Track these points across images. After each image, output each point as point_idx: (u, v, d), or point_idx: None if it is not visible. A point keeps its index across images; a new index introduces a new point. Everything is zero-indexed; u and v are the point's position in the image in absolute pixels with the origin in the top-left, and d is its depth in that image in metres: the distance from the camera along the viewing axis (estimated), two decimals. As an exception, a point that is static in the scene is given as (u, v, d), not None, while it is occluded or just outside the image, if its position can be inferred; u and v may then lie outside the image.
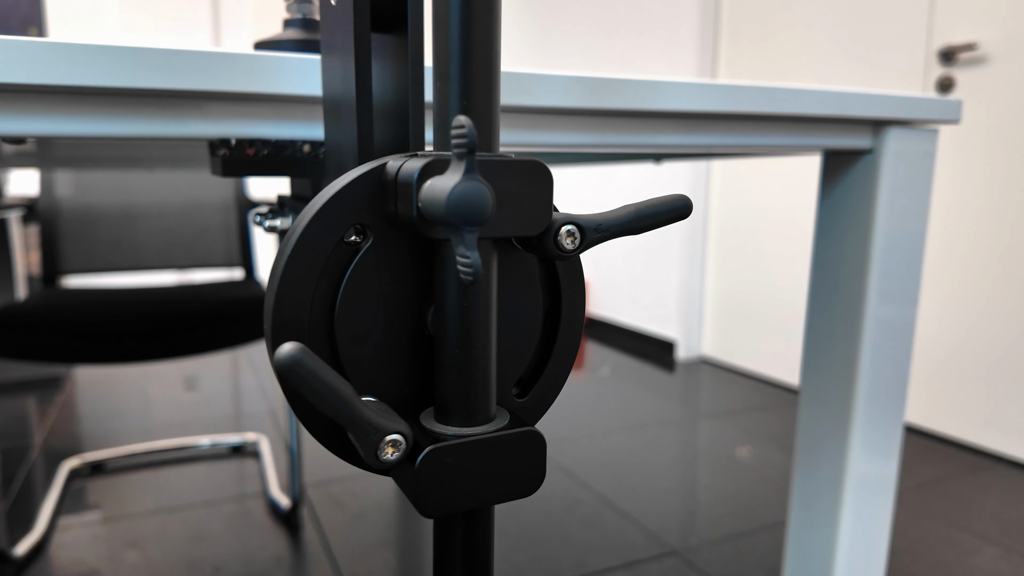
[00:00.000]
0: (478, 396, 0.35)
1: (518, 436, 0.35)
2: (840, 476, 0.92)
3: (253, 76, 0.48)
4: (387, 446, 0.32)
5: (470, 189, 0.26)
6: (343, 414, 0.30)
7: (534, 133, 0.63)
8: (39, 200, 1.77)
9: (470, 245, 0.27)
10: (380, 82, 0.42)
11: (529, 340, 0.40)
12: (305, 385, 0.29)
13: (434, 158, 0.31)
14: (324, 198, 0.33)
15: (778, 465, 1.96)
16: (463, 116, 0.26)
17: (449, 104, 0.31)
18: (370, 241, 0.35)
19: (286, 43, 0.55)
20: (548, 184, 0.34)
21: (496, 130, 0.33)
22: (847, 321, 0.88)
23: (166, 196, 1.88)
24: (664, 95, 0.65)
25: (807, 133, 0.77)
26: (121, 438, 2.14)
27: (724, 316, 3.00)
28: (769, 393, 2.63)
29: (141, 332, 1.41)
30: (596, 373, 2.88)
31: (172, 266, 1.90)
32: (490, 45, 0.32)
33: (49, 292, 1.68)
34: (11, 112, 0.46)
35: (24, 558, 1.46)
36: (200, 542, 1.53)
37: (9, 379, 2.72)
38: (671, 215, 0.36)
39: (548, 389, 0.41)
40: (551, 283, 0.40)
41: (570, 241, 0.35)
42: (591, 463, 1.96)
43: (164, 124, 0.49)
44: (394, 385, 0.37)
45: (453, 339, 0.34)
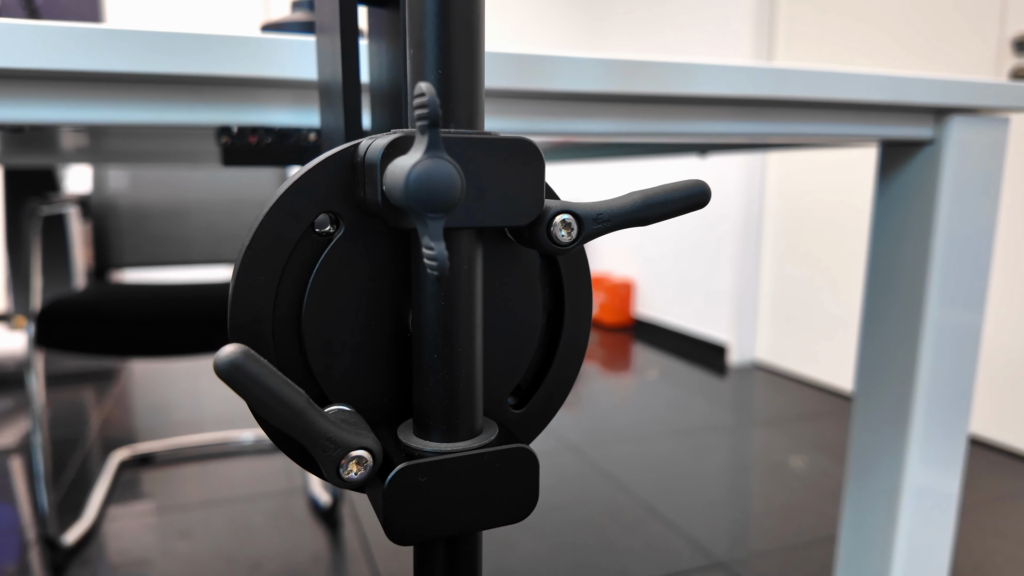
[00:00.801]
0: (460, 407, 0.31)
1: (505, 454, 0.31)
2: (896, 489, 0.85)
3: (252, 59, 0.46)
4: (351, 463, 0.28)
5: (432, 168, 0.23)
6: (295, 426, 0.27)
7: (559, 121, 0.59)
8: (92, 196, 1.81)
9: (435, 235, 0.23)
10: (376, 62, 0.39)
11: (527, 344, 0.36)
12: (248, 393, 0.25)
13: (402, 135, 0.27)
14: (288, 183, 0.30)
15: (833, 475, 1.87)
16: (424, 83, 0.22)
17: (424, 74, 0.28)
18: (342, 231, 0.31)
19: (293, 25, 0.52)
20: (539, 166, 0.29)
21: (479, 104, 0.29)
22: (905, 325, 0.82)
23: (213, 192, 1.90)
24: (702, 78, 0.60)
25: (861, 122, 0.71)
26: (170, 430, 2.18)
27: (779, 319, 2.88)
28: (826, 400, 2.52)
29: (188, 326, 1.42)
30: (643, 376, 2.81)
31: (219, 260, 1.92)
32: (471, 7, 0.28)
33: (100, 285, 1.71)
34: (9, 99, 0.45)
35: (73, 546, 1.49)
36: (242, 536, 1.54)
37: (67, 370, 2.81)
38: (685, 203, 0.32)
39: (549, 399, 0.37)
40: (553, 281, 0.36)
41: (566, 232, 0.30)
42: (635, 468, 1.91)
43: (161, 111, 0.47)
44: (371, 393, 0.33)
45: (431, 343, 0.30)
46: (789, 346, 2.84)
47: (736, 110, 0.66)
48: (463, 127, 0.29)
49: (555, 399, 0.37)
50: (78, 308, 1.43)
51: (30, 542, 1.50)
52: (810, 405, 2.46)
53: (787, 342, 2.85)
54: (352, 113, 0.37)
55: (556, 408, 0.37)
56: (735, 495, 1.76)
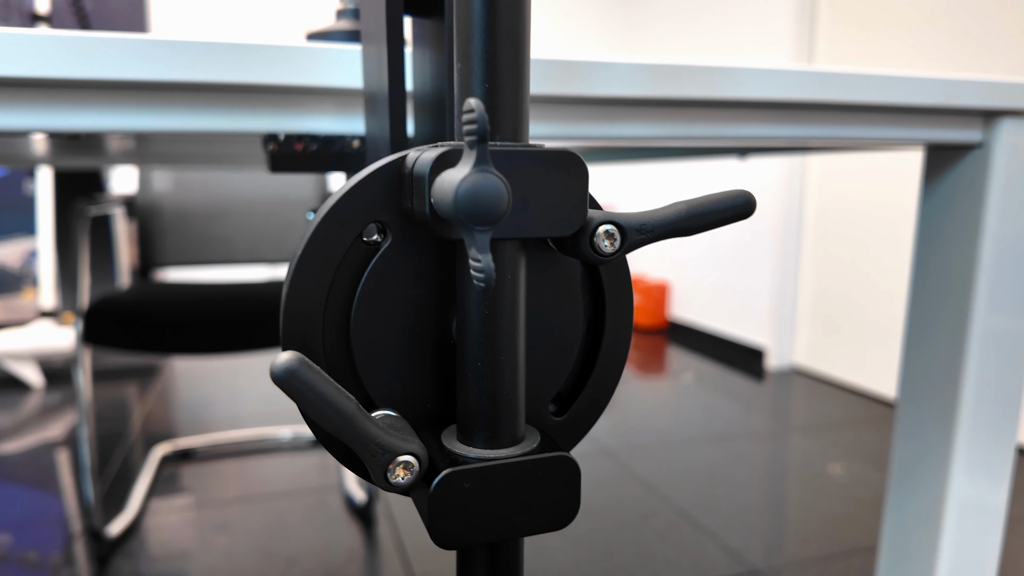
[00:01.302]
0: (503, 415, 0.31)
1: (547, 462, 0.31)
2: (940, 501, 0.84)
3: (299, 68, 0.46)
4: (398, 467, 0.29)
5: (480, 183, 0.23)
6: (345, 431, 0.27)
7: (599, 125, 0.59)
8: (137, 196, 1.86)
9: (482, 247, 0.23)
10: (420, 71, 0.39)
11: (568, 351, 0.36)
12: (302, 399, 0.26)
13: (450, 148, 0.28)
14: (339, 194, 0.31)
15: (874, 485, 1.83)
16: (473, 100, 0.22)
17: (471, 87, 0.28)
18: (389, 241, 0.32)
19: (337, 34, 0.53)
20: (583, 177, 0.29)
21: (524, 116, 0.29)
22: (951, 331, 0.80)
23: (254, 193, 1.94)
24: (744, 82, 0.60)
25: (907, 125, 0.69)
26: (210, 426, 2.22)
27: (819, 323, 2.84)
28: (867, 407, 2.47)
29: (230, 326, 1.45)
30: (678, 380, 2.79)
31: (259, 260, 1.96)
32: (518, 20, 0.28)
33: (144, 284, 1.76)
34: (64, 107, 0.46)
35: (117, 538, 1.53)
36: (278, 532, 1.57)
37: (111, 366, 2.88)
38: (730, 214, 0.32)
39: (590, 406, 0.37)
40: (594, 289, 0.36)
41: (609, 243, 0.31)
42: (670, 474, 1.89)
43: (211, 118, 0.48)
44: (416, 398, 0.34)
45: (475, 351, 0.31)
46: (830, 351, 2.79)
47: (778, 113, 0.65)
48: (509, 139, 0.29)
49: (595, 407, 0.37)
50: (124, 307, 1.47)
51: (76, 533, 1.55)
52: (850, 412, 2.42)
53: (827, 347, 2.80)
54: (398, 121, 0.38)
55: (596, 416, 0.37)
56: (772, 503, 1.73)
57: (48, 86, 0.45)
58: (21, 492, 1.75)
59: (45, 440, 2.10)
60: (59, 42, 0.43)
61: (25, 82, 0.44)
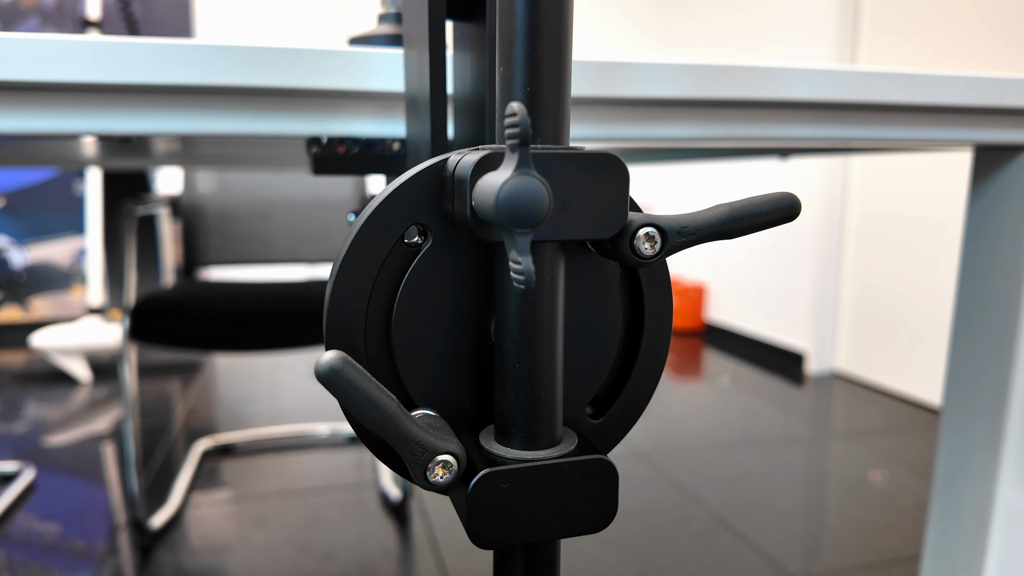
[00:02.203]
0: (541, 416, 0.31)
1: (585, 464, 0.31)
2: (987, 511, 0.81)
3: (342, 72, 0.47)
4: (437, 466, 0.29)
5: (521, 186, 0.23)
6: (387, 430, 0.28)
7: (639, 126, 0.59)
8: (182, 197, 1.90)
9: (522, 250, 0.23)
10: (461, 74, 0.40)
11: (607, 354, 0.36)
12: (346, 397, 0.27)
13: (491, 151, 0.28)
14: (381, 197, 0.31)
15: (916, 493, 1.79)
16: (516, 103, 0.23)
17: (513, 91, 0.28)
18: (430, 242, 0.32)
19: (379, 38, 0.54)
20: (623, 180, 0.30)
21: (565, 119, 0.29)
22: (999, 337, 0.78)
23: (295, 194, 1.97)
24: (784, 82, 0.59)
25: (954, 126, 0.68)
26: (250, 421, 2.26)
27: (861, 327, 2.78)
28: (909, 413, 2.42)
29: (272, 324, 1.48)
30: (715, 383, 2.76)
31: (300, 260, 1.99)
32: (560, 24, 0.28)
33: (189, 283, 1.80)
34: (116, 111, 0.48)
35: (159, 530, 1.57)
36: (315, 527, 1.59)
37: (155, 362, 2.95)
38: (774, 217, 0.31)
39: (627, 410, 0.37)
40: (633, 291, 0.36)
41: (649, 245, 0.31)
42: (706, 478, 1.87)
43: (256, 122, 0.49)
44: (454, 398, 0.34)
45: (513, 352, 0.31)
46: (871, 355, 2.74)
47: (820, 113, 0.64)
48: (549, 142, 0.30)
49: (633, 410, 0.37)
50: (169, 305, 1.51)
51: (120, 525, 1.59)
52: (892, 418, 2.37)
53: (869, 351, 2.75)
54: (438, 124, 0.38)
55: (634, 419, 0.37)
56: (811, 509, 1.70)
57: (100, 90, 0.47)
58: (69, 483, 1.81)
59: (92, 433, 2.16)
60: (111, 48, 0.44)
61: (79, 87, 0.45)
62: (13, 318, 3.22)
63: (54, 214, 3.19)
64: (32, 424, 2.24)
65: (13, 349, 3.14)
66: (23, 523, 1.60)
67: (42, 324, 3.25)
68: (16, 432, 2.17)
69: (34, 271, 3.20)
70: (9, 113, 0.46)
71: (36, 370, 2.82)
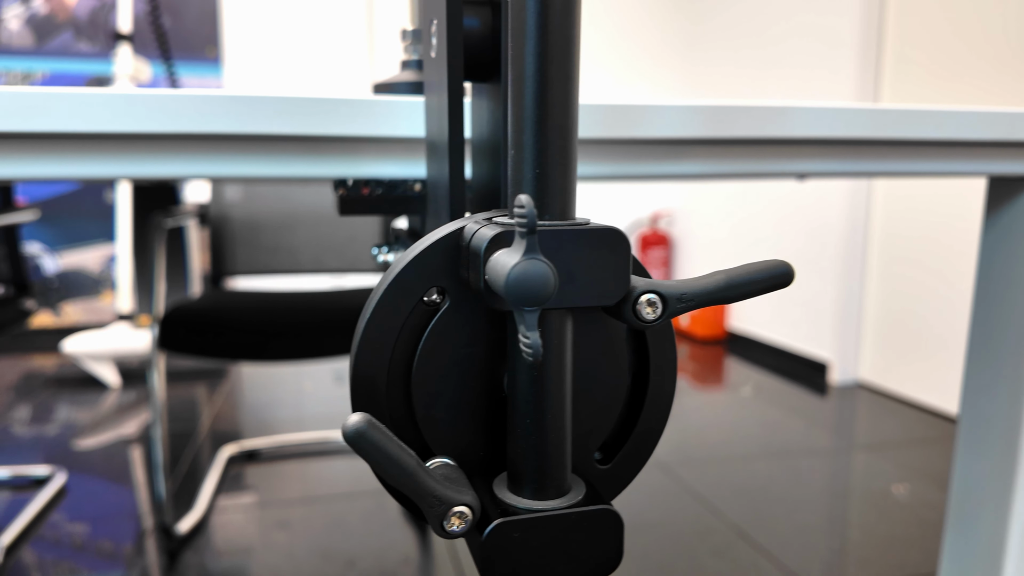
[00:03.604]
0: (551, 468, 0.34)
1: (592, 514, 0.33)
2: (1003, 525, 0.82)
3: (368, 120, 0.50)
4: (453, 517, 0.32)
5: (528, 270, 0.25)
6: (407, 485, 0.30)
7: (650, 164, 0.61)
8: (211, 207, 1.94)
9: (530, 326, 0.26)
10: (478, 120, 0.42)
11: (613, 403, 0.38)
12: (370, 456, 0.29)
13: (502, 230, 0.30)
14: (403, 262, 0.34)
15: (940, 506, 1.78)
16: (524, 196, 0.25)
17: (523, 172, 0.31)
18: (447, 303, 0.35)
19: (401, 86, 0.56)
20: (625, 252, 0.32)
21: (571, 196, 0.32)
22: (1014, 355, 0.78)
23: (321, 205, 2.01)
24: (796, 120, 0.60)
25: (968, 159, 0.69)
26: (275, 427, 2.31)
27: (885, 336, 2.76)
28: (935, 425, 2.40)
29: (298, 335, 1.52)
30: (736, 392, 2.76)
31: (324, 270, 2.02)
32: (566, 114, 0.30)
33: (216, 293, 1.84)
34: (151, 157, 0.51)
35: (186, 535, 1.61)
36: (337, 533, 1.62)
37: (182, 368, 3.01)
38: (768, 284, 0.33)
39: (633, 456, 0.39)
40: (638, 344, 0.38)
41: (651, 310, 0.32)
42: (726, 489, 1.88)
43: (286, 166, 0.52)
44: (469, 446, 0.37)
45: (524, 409, 0.33)
46: (897, 366, 2.72)
47: (834, 149, 0.66)
48: (557, 218, 0.32)
49: (639, 456, 0.39)
50: (198, 315, 1.55)
51: (148, 529, 1.63)
52: (917, 430, 2.35)
53: (895, 361, 2.73)
54: (456, 168, 0.40)
55: (641, 465, 0.39)
56: (832, 523, 1.70)
57: (138, 139, 0.50)
58: (99, 486, 1.86)
59: (121, 437, 2.22)
60: (151, 101, 0.47)
61: (119, 136, 0.48)
62: (46, 323, 3.31)
63: (85, 222, 3.27)
64: (63, 428, 2.30)
65: (46, 353, 3.22)
66: (55, 525, 1.65)
67: (73, 329, 3.33)
68: (48, 435, 2.23)
69: (65, 277, 3.29)
70: (69, 160, 0.49)
71: (67, 374, 2.89)
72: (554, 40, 0.29)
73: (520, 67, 0.30)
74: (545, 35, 0.29)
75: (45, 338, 3.32)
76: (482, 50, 0.39)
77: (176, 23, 3.24)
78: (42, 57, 3.11)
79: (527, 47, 0.29)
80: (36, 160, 0.49)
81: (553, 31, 0.29)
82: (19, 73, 3.11)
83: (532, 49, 0.29)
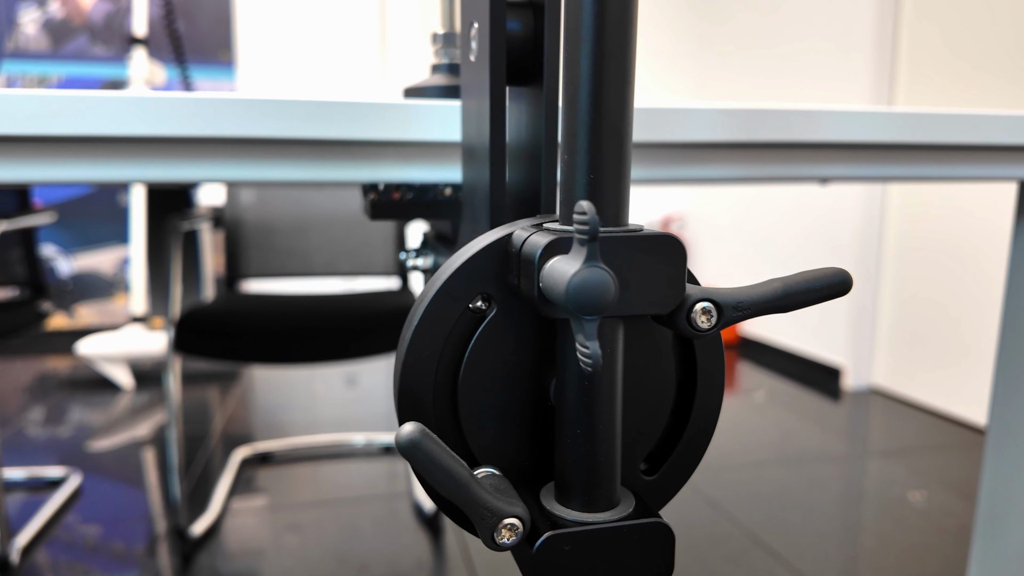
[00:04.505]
0: (600, 480, 0.33)
1: (643, 528, 0.33)
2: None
3: (400, 124, 0.49)
4: (504, 529, 0.31)
5: (590, 278, 0.25)
6: (459, 496, 0.30)
7: (676, 168, 0.60)
8: (225, 210, 1.95)
9: (590, 335, 0.25)
10: (516, 124, 0.42)
11: (660, 414, 0.37)
12: (423, 467, 0.28)
13: (557, 237, 0.30)
14: (450, 269, 0.33)
15: (957, 515, 1.77)
16: (585, 203, 0.24)
17: (576, 178, 0.30)
18: (494, 311, 0.34)
19: (432, 89, 0.56)
20: (681, 259, 0.31)
21: (625, 203, 0.31)
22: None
23: (334, 209, 2.01)
24: (822, 124, 0.60)
25: (995, 163, 0.68)
26: (287, 430, 2.30)
27: (900, 341, 2.74)
28: (951, 431, 2.38)
29: (313, 340, 1.51)
30: (749, 398, 2.74)
31: (337, 273, 2.02)
32: (621, 117, 0.30)
33: (231, 296, 1.84)
34: (183, 161, 0.50)
35: (200, 537, 1.61)
36: (350, 537, 1.62)
37: (194, 370, 3.02)
38: (826, 292, 0.32)
39: (680, 467, 0.38)
40: (686, 354, 0.38)
41: (705, 319, 0.32)
42: (741, 496, 1.86)
43: (317, 170, 0.51)
44: (516, 456, 0.36)
45: (574, 419, 0.32)
46: (911, 371, 2.70)
47: (860, 153, 0.65)
48: (610, 224, 0.31)
49: (686, 468, 0.39)
50: (213, 318, 1.55)
51: (162, 533, 1.63)
52: (933, 436, 2.33)
53: (909, 366, 2.71)
54: (497, 173, 0.40)
55: (686, 477, 0.39)
56: (847, 530, 1.69)
57: (168, 142, 0.49)
58: (113, 488, 1.86)
59: (135, 439, 2.22)
60: (182, 104, 0.47)
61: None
62: (60, 325, 3.32)
63: (99, 224, 3.28)
64: (78, 429, 2.30)
65: (60, 355, 3.23)
66: (69, 527, 1.65)
67: (87, 331, 3.34)
68: (63, 437, 2.23)
69: (80, 279, 3.30)
70: (90, 163, 0.48)
71: (81, 376, 2.90)
72: (611, 40, 0.28)
73: (575, 69, 0.29)
74: (602, 35, 0.28)
75: (59, 340, 3.34)
76: (523, 54, 0.39)
77: (190, 27, 3.26)
78: (58, 61, 3.13)
79: (583, 48, 0.29)
80: (55, 163, 0.48)
81: (610, 31, 0.28)
82: (35, 77, 3.12)
83: (588, 50, 0.29)
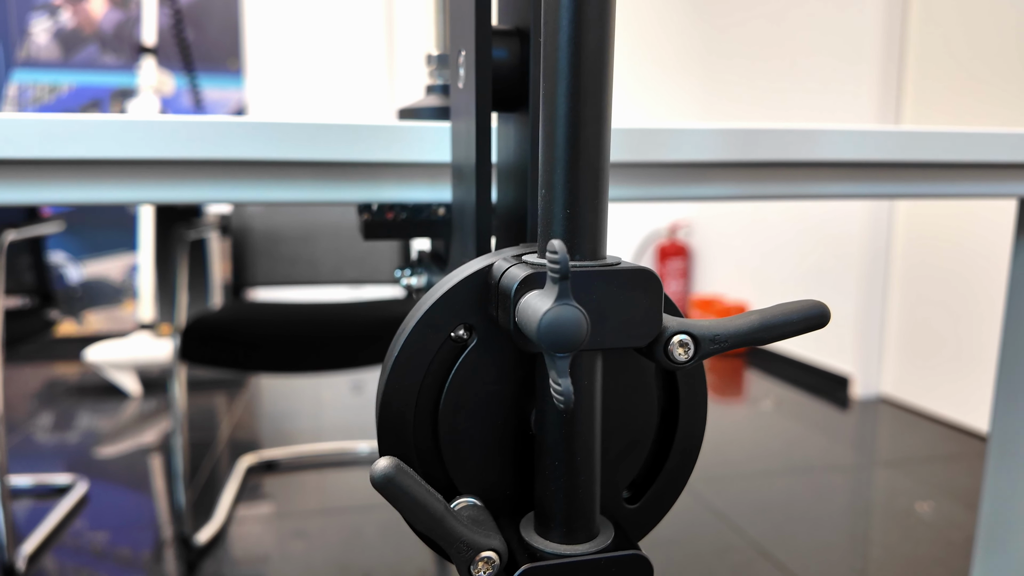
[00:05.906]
0: (579, 512, 0.33)
1: (622, 560, 0.33)
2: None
3: (396, 146, 0.49)
4: (480, 562, 0.31)
5: (561, 316, 0.25)
6: (435, 530, 0.30)
7: (674, 187, 0.60)
8: (232, 218, 1.96)
9: (562, 372, 0.25)
10: (504, 145, 0.42)
11: (642, 443, 0.37)
12: (398, 501, 0.29)
13: (533, 272, 0.30)
14: (432, 298, 0.33)
15: (965, 526, 1.75)
16: (557, 242, 0.24)
17: (554, 212, 0.30)
18: (475, 340, 0.34)
19: (426, 111, 0.56)
20: (657, 292, 0.31)
21: (603, 237, 0.31)
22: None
23: (340, 217, 2.02)
24: (820, 144, 0.59)
25: (994, 181, 0.67)
26: (293, 438, 2.31)
27: (909, 350, 2.72)
28: (960, 441, 2.35)
29: (320, 348, 1.52)
30: (757, 406, 2.73)
31: (344, 281, 2.03)
32: (598, 153, 0.30)
33: (238, 305, 1.85)
34: (181, 182, 0.51)
35: (205, 545, 1.62)
36: (354, 546, 1.62)
37: (201, 378, 3.03)
38: (803, 325, 0.32)
39: (662, 496, 0.38)
40: (669, 384, 0.38)
41: (683, 352, 0.32)
42: (746, 506, 1.85)
43: (312, 191, 0.52)
44: (496, 485, 0.36)
45: (553, 450, 0.32)
46: (920, 380, 2.68)
47: (858, 171, 0.65)
48: (587, 258, 0.31)
49: (668, 497, 0.39)
50: (220, 327, 1.55)
51: (167, 539, 1.64)
52: (942, 446, 2.31)
53: (918, 375, 2.69)
54: (483, 192, 0.40)
55: (669, 505, 0.39)
56: (854, 541, 1.68)
57: (165, 165, 0.50)
58: (119, 494, 1.87)
59: (141, 446, 2.23)
60: (179, 128, 0.47)
61: (153, 162, 0.48)
62: (68, 331, 3.34)
63: (108, 231, 3.31)
64: (85, 436, 2.32)
65: (69, 361, 3.26)
66: (76, 533, 1.66)
67: (95, 337, 3.36)
68: (70, 443, 2.25)
69: (89, 286, 3.33)
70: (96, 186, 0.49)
71: (89, 383, 2.92)
72: (587, 81, 0.28)
73: (552, 106, 0.29)
74: (577, 76, 0.28)
75: (67, 346, 3.36)
76: (510, 81, 0.39)
77: (199, 36, 3.28)
78: (68, 70, 3.16)
79: (559, 87, 0.29)
80: (64, 186, 0.49)
81: (586, 72, 0.28)
82: (46, 86, 3.16)
83: (564, 90, 0.29)
